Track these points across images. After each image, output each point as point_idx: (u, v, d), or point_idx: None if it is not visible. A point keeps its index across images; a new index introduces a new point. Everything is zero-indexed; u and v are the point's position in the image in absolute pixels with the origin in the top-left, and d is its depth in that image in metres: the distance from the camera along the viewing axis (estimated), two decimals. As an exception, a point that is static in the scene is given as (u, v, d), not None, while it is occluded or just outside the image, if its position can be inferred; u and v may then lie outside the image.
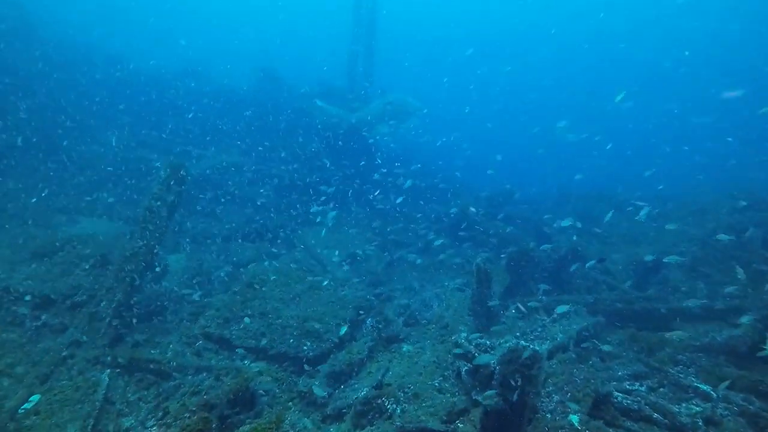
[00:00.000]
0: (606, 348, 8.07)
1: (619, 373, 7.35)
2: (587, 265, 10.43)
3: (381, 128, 19.40)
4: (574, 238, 14.01)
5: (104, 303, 8.00)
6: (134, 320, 8.18)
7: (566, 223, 11.37)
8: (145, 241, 8.59)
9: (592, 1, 61.18)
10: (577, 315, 9.06)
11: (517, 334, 7.51)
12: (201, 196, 15.31)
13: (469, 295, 8.92)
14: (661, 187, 17.74)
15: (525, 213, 15.89)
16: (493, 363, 5.59)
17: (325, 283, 9.69)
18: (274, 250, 13.52)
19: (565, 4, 63.22)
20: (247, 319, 8.08)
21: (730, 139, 28.91)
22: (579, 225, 12.49)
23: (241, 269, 11.88)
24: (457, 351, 6.21)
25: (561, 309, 8.17)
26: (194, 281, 10.68)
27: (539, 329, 8.10)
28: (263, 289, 9.10)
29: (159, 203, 8.86)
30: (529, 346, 5.47)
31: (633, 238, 14.88)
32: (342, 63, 20.15)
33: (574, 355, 7.60)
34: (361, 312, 8.85)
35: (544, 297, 9.96)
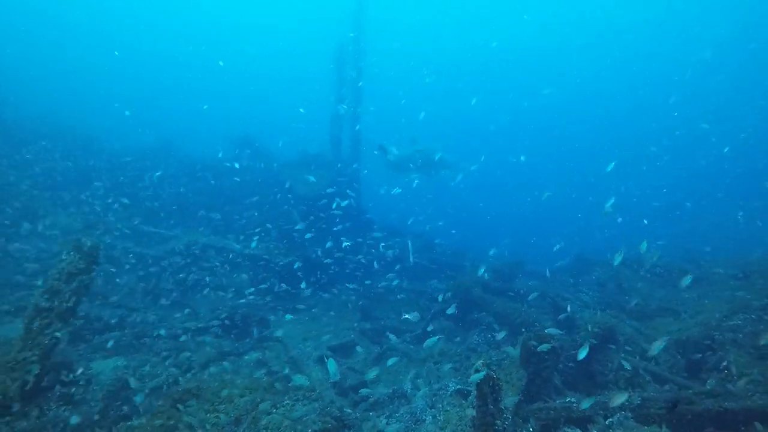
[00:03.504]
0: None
1: None
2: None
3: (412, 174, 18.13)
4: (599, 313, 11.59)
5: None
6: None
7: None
8: (27, 352, 6.36)
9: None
10: (622, 427, 6.59)
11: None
12: (159, 284, 13.15)
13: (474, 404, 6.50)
14: (708, 248, 15.35)
15: (539, 287, 13.48)
16: None
17: (286, 401, 7.25)
18: (237, 346, 11.18)
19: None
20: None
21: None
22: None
23: (188, 375, 9.54)
24: None
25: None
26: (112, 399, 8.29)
27: (575, 458, 5.63)
28: (187, 413, 6.71)
29: (51, 299, 6.71)
30: None
31: (672, 308, 12.37)
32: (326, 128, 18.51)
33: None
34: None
35: (573, 400, 7.48)
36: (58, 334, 6.72)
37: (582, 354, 6.79)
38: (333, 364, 7.77)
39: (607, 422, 6.56)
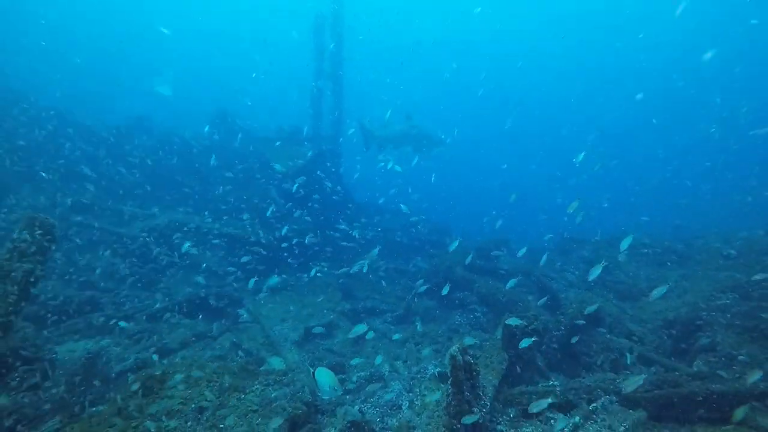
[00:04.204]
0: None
1: None
2: None
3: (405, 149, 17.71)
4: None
5: None
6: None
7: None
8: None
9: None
10: (607, 411, 6.30)
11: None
12: (131, 263, 12.65)
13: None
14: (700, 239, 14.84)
15: (524, 265, 13.18)
16: None
17: (256, 386, 6.88)
18: (211, 327, 10.77)
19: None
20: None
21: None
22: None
23: (156, 358, 9.13)
24: None
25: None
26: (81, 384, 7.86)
27: (556, 446, 5.33)
28: (150, 400, 6.31)
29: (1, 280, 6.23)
30: None
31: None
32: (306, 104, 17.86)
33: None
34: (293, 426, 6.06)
35: (557, 384, 7.20)
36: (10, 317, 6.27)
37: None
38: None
39: (591, 407, 6.27)
